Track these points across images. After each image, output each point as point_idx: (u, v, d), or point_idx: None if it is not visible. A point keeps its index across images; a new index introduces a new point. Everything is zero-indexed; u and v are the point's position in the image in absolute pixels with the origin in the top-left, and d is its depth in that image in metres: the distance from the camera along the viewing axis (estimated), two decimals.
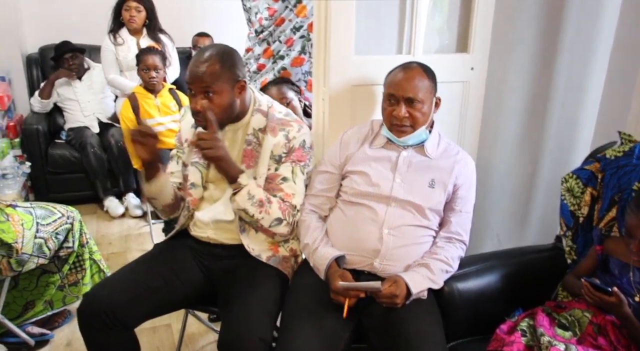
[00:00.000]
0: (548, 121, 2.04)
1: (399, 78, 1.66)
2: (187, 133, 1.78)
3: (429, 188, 1.69)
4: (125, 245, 3.09)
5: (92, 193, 3.52)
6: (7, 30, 3.58)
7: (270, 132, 1.66)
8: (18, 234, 1.99)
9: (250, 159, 1.68)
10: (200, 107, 1.55)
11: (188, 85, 1.59)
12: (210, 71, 1.54)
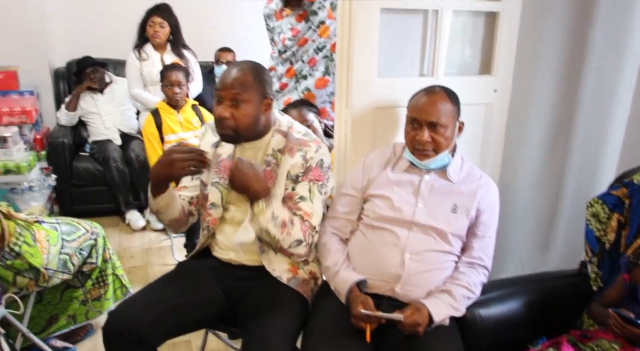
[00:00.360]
0: (572, 144, 2.02)
1: (422, 102, 1.66)
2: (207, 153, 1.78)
3: (451, 213, 1.68)
4: (147, 259, 3.12)
5: (114, 206, 3.57)
6: (36, 46, 3.66)
7: (288, 152, 1.67)
8: (44, 250, 2.03)
9: (269, 180, 1.68)
10: (229, 113, 1.58)
11: (217, 92, 1.60)
12: (243, 80, 1.58)
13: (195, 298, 1.68)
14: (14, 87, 3.46)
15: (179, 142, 3.00)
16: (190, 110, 3.12)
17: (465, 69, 2.07)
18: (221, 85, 1.60)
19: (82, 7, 3.92)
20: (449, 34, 1.95)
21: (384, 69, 1.89)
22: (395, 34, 1.91)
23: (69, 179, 3.50)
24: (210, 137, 1.78)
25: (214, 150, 1.76)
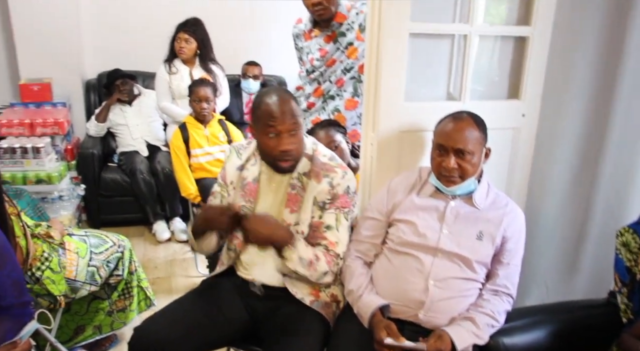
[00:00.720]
0: (601, 170, 1.99)
1: (449, 128, 1.66)
2: (232, 176, 1.80)
3: (476, 240, 1.67)
4: (170, 270, 3.16)
5: (141, 216, 3.63)
6: (70, 58, 3.76)
7: (314, 177, 1.68)
8: (73, 262, 2.08)
9: (294, 204, 1.70)
10: (292, 145, 1.63)
11: (272, 127, 1.61)
12: (293, 108, 1.63)
13: (220, 316, 1.70)
14: (48, 99, 3.56)
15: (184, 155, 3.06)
16: (217, 125, 3.17)
17: (492, 93, 2.06)
18: (275, 119, 1.61)
19: (113, 20, 4.01)
20: (477, 58, 1.95)
21: (411, 93, 1.90)
22: (422, 58, 1.92)
23: (97, 189, 3.57)
24: (235, 159, 1.81)
25: (238, 173, 1.78)
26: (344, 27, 2.26)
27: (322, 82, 2.35)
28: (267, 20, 4.25)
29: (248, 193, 1.75)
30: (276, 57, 4.18)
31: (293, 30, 2.46)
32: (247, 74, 3.90)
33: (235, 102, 3.83)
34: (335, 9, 2.24)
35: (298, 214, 1.70)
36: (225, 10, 4.11)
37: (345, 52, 2.28)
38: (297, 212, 1.70)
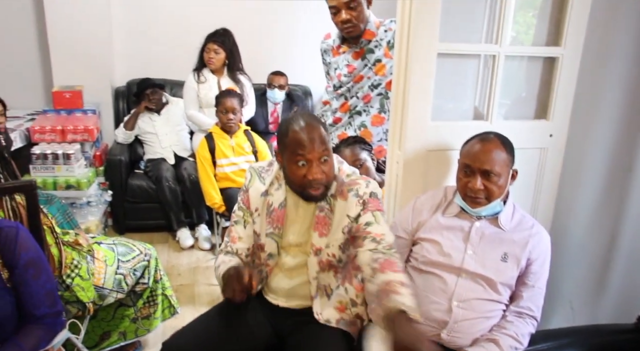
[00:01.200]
0: (630, 190, 1.96)
1: (476, 149, 1.66)
2: (256, 202, 1.72)
3: (501, 262, 1.67)
4: (193, 278, 3.20)
5: (165, 222, 3.69)
6: (101, 66, 3.85)
7: (340, 196, 1.64)
8: (101, 270, 2.13)
9: (323, 226, 1.65)
10: (323, 174, 1.57)
11: (301, 156, 1.55)
12: (322, 136, 1.57)
13: (245, 333, 1.71)
14: (79, 106, 3.64)
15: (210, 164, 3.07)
16: (242, 135, 3.21)
17: (520, 113, 2.06)
18: (304, 148, 1.55)
19: (142, 29, 4.09)
20: (505, 78, 1.95)
21: (438, 112, 1.91)
22: (450, 77, 1.92)
23: (124, 195, 3.64)
24: (257, 184, 1.73)
25: (263, 199, 1.71)
26: (373, 44, 2.28)
27: (349, 98, 2.37)
28: (293, 31, 4.29)
29: (275, 219, 1.68)
30: (302, 67, 4.22)
31: (321, 45, 2.48)
32: (272, 84, 3.94)
33: (260, 111, 3.88)
34: (364, 26, 2.25)
35: (327, 237, 1.65)
36: (253, 21, 4.17)
37: (373, 68, 2.29)
38: (326, 235, 1.65)
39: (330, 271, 1.68)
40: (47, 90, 3.92)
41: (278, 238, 1.70)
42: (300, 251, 1.69)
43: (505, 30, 1.87)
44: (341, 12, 2.19)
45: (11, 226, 1.43)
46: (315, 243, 1.65)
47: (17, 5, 3.76)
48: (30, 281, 1.43)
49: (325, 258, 1.65)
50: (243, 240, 1.74)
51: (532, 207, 2.07)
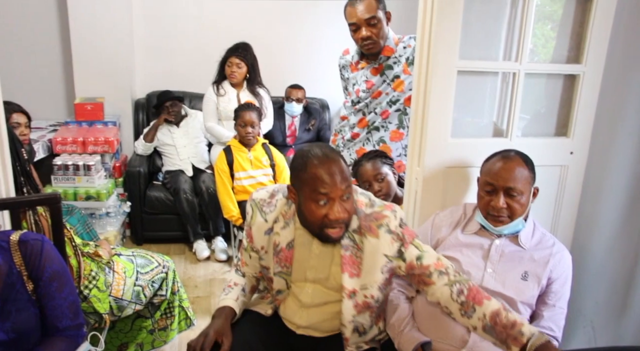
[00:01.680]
0: None
1: (498, 167, 1.65)
2: (261, 241, 1.62)
3: (521, 280, 1.66)
4: (210, 290, 3.21)
5: (182, 234, 3.71)
6: (122, 79, 3.92)
7: (369, 232, 1.51)
8: (120, 281, 2.15)
9: (352, 266, 1.53)
10: (345, 213, 1.46)
11: (320, 195, 1.43)
12: (344, 172, 1.45)
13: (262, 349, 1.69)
14: (100, 118, 3.70)
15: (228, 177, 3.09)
16: (260, 148, 3.24)
17: (540, 130, 2.05)
18: (328, 185, 1.42)
19: (162, 42, 4.16)
20: (524, 94, 1.94)
21: (457, 129, 1.90)
22: (469, 94, 1.92)
23: (142, 206, 3.68)
24: (259, 222, 1.60)
25: (268, 238, 1.60)
26: (391, 60, 2.29)
27: (367, 113, 2.37)
28: (311, 44, 4.33)
29: (283, 259, 1.59)
30: (319, 80, 4.25)
31: (339, 61, 2.50)
32: (290, 97, 3.97)
33: (278, 124, 3.90)
34: (383, 42, 2.27)
35: (360, 278, 1.54)
36: (271, 34, 4.21)
37: (391, 84, 2.30)
38: (358, 275, 1.54)
39: (367, 312, 1.59)
40: (69, 102, 4.00)
41: (287, 276, 1.62)
42: (320, 288, 1.61)
43: (526, 47, 1.87)
44: (361, 29, 2.21)
45: (37, 239, 1.46)
46: (347, 285, 1.54)
47: (42, 20, 3.85)
48: (53, 294, 1.45)
49: (362, 300, 1.56)
50: (249, 266, 1.72)
51: (552, 225, 2.05)
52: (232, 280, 1.76)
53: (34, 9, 3.81)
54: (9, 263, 1.41)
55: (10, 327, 1.39)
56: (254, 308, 1.75)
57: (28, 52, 3.86)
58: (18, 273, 1.41)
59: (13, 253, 1.42)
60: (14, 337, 1.40)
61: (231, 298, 1.68)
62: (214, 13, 4.15)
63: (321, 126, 4.12)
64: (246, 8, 4.17)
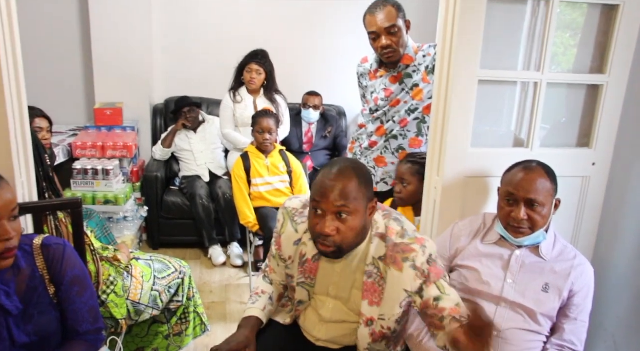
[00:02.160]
0: None
1: (520, 178, 1.63)
2: (289, 250, 1.60)
3: (542, 292, 1.64)
4: (225, 295, 3.22)
5: (198, 239, 3.73)
6: (141, 84, 3.96)
7: (393, 264, 1.45)
8: (138, 286, 2.16)
9: (373, 294, 1.49)
10: (333, 230, 1.40)
11: (316, 203, 1.40)
12: (348, 189, 1.38)
13: None
14: (118, 123, 3.74)
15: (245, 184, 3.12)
16: (277, 155, 3.24)
17: (561, 141, 2.03)
18: (321, 195, 1.39)
19: (181, 49, 4.20)
20: (545, 103, 1.93)
21: (478, 139, 1.89)
22: (489, 103, 1.91)
23: (159, 211, 3.70)
24: (290, 231, 1.59)
25: (296, 249, 1.58)
26: (411, 69, 2.28)
27: (385, 122, 2.37)
28: (328, 51, 4.34)
29: (307, 270, 1.58)
30: (336, 87, 4.26)
31: (358, 69, 2.49)
32: (307, 104, 3.98)
33: (295, 131, 3.91)
34: (403, 51, 2.26)
35: (380, 308, 1.50)
36: (289, 41, 4.23)
37: (410, 93, 2.29)
38: (378, 304, 1.50)
39: (383, 342, 1.57)
40: (89, 107, 4.05)
41: (310, 288, 1.61)
42: (340, 304, 1.59)
43: (547, 57, 1.85)
44: (381, 38, 2.21)
45: (59, 243, 1.47)
46: (365, 312, 1.52)
47: (65, 28, 3.91)
48: (74, 298, 1.47)
49: (378, 331, 1.53)
50: (277, 273, 1.71)
51: (573, 236, 2.02)
52: (259, 287, 1.75)
53: (57, 18, 3.88)
54: (32, 267, 1.42)
55: (33, 330, 1.41)
56: (273, 317, 1.75)
57: (51, 59, 3.92)
58: (40, 277, 1.43)
59: (36, 257, 1.44)
60: (35, 340, 1.41)
61: (258, 307, 1.68)
62: (232, 20, 4.18)
63: (338, 133, 4.12)
64: (264, 15, 4.19)
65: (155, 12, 4.04)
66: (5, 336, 1.37)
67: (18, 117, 1.67)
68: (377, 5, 2.23)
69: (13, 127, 1.64)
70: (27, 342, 1.40)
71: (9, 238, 1.29)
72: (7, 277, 1.37)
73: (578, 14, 2.02)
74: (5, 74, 1.58)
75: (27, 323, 1.40)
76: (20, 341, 1.39)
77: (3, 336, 1.36)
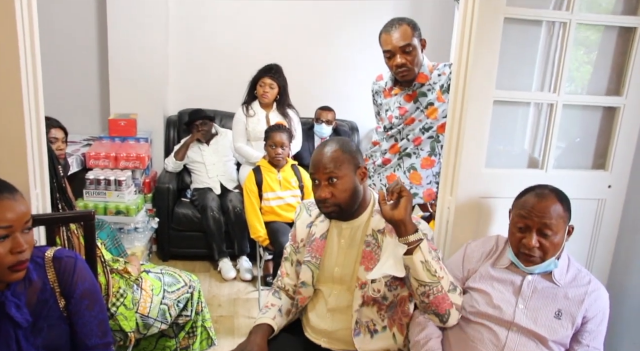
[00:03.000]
0: None
1: (532, 204, 1.60)
2: (302, 233, 1.80)
3: (554, 319, 1.61)
4: (233, 309, 3.20)
5: (208, 252, 3.72)
6: (155, 96, 4.00)
7: (389, 233, 1.64)
8: (147, 299, 2.16)
9: (369, 261, 1.66)
10: (328, 193, 1.62)
11: (311, 175, 1.67)
12: (333, 157, 1.62)
13: None
14: (132, 134, 3.77)
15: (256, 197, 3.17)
16: (289, 169, 3.24)
17: (576, 162, 2.01)
18: (314, 168, 1.66)
19: (196, 62, 4.24)
20: (561, 125, 1.91)
21: (492, 160, 1.88)
22: (504, 124, 1.90)
23: (170, 222, 3.70)
24: (304, 216, 1.82)
25: (308, 230, 1.78)
26: (426, 88, 2.28)
27: (400, 140, 2.36)
28: (342, 67, 4.36)
29: (315, 249, 1.74)
30: (349, 102, 4.26)
31: (373, 86, 2.49)
32: (320, 119, 3.98)
33: (307, 145, 3.91)
34: (418, 69, 2.26)
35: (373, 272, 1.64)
36: (303, 56, 4.26)
37: (425, 111, 2.28)
38: (372, 270, 1.65)
39: (374, 307, 1.68)
40: (103, 117, 4.09)
41: (314, 268, 1.74)
42: (344, 289, 1.70)
43: (564, 79, 1.84)
44: (396, 57, 2.21)
45: (70, 256, 1.47)
46: (361, 277, 1.67)
47: (83, 39, 3.98)
48: (84, 312, 1.46)
49: (370, 293, 1.66)
50: (290, 276, 1.83)
51: (587, 260, 1.99)
52: (269, 301, 1.83)
53: (75, 30, 3.95)
54: (43, 280, 1.42)
55: (42, 343, 1.40)
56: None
57: (68, 70, 3.98)
58: (51, 290, 1.43)
59: (47, 269, 1.44)
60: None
61: (268, 317, 1.77)
62: (247, 34, 4.22)
63: None
64: (280, 30, 4.23)
65: (171, 26, 4.09)
66: (14, 349, 1.36)
67: (35, 130, 1.69)
68: (393, 23, 2.23)
69: (30, 139, 1.65)
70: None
71: (22, 250, 1.30)
72: (18, 290, 1.37)
73: (592, 31, 2.01)
74: (24, 85, 1.60)
75: (36, 336, 1.40)
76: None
77: (12, 349, 1.36)
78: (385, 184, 2.41)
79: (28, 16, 1.61)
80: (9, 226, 1.28)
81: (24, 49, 1.59)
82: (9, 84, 1.58)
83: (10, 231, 1.29)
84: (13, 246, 1.29)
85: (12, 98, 1.59)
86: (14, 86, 1.58)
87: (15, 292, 1.37)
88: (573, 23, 1.80)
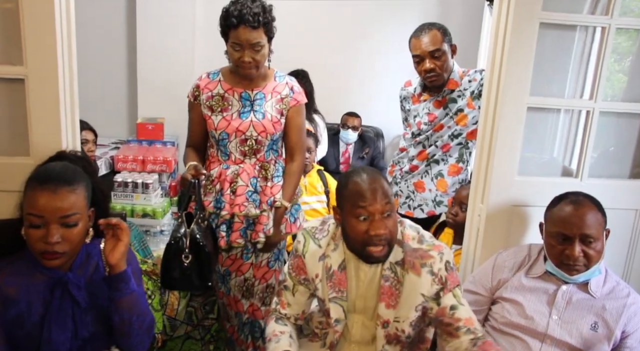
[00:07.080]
0: None
1: (569, 214, 1.56)
2: (315, 268, 1.60)
3: (590, 331, 1.56)
4: None
5: None
6: (182, 101, 3.92)
7: (411, 269, 1.50)
8: (175, 301, 2.17)
9: (390, 298, 1.53)
10: (386, 229, 1.45)
11: (360, 209, 1.45)
12: (385, 189, 1.47)
13: None
14: (159, 138, 3.80)
15: None
16: (315, 175, 3.23)
17: (613, 172, 1.96)
18: (367, 199, 1.45)
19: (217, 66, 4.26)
20: (597, 134, 1.87)
21: (525, 167, 1.84)
22: (539, 132, 1.87)
23: None
24: (313, 248, 1.60)
25: (322, 264, 1.59)
26: (456, 94, 2.25)
27: (428, 146, 2.34)
28: (369, 73, 4.33)
29: (337, 282, 1.57)
30: (375, 108, 4.24)
31: (401, 92, 2.48)
32: (346, 124, 3.97)
33: (332, 151, 3.90)
34: (447, 75, 2.24)
35: (396, 310, 1.53)
36: (330, 61, 4.23)
37: (454, 118, 2.26)
38: (394, 307, 1.53)
39: (397, 346, 1.58)
40: (131, 121, 4.14)
41: (343, 302, 1.58)
42: (367, 320, 1.59)
43: (602, 86, 1.80)
44: (425, 61, 2.19)
45: None
46: (382, 314, 1.54)
47: (113, 45, 4.05)
48: None
49: (393, 332, 1.55)
50: (292, 307, 1.67)
51: (624, 272, 1.94)
52: (274, 330, 1.62)
53: (106, 37, 4.01)
54: (98, 268, 1.47)
55: (92, 322, 1.44)
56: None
57: (99, 75, 4.03)
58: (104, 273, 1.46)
59: (102, 258, 1.47)
60: (89, 337, 1.44)
61: (284, 343, 1.57)
62: (274, 40, 4.22)
63: (375, 154, 4.09)
64: (306, 35, 4.22)
65: (198, 31, 4.12)
66: (70, 326, 1.41)
67: (70, 132, 1.72)
68: (423, 28, 2.22)
69: (65, 141, 1.68)
70: (86, 336, 1.44)
71: (50, 242, 1.31)
72: (78, 273, 1.43)
73: (624, 37, 1.97)
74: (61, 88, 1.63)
75: (87, 316, 1.44)
76: (81, 334, 1.43)
77: (68, 327, 1.41)
78: (412, 191, 2.39)
79: (67, 23, 1.64)
80: (40, 216, 1.31)
81: (62, 55, 1.63)
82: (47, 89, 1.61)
83: (42, 221, 1.31)
84: (44, 235, 1.31)
85: (49, 104, 1.62)
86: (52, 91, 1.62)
87: (75, 275, 1.42)
88: (612, 27, 1.75)
